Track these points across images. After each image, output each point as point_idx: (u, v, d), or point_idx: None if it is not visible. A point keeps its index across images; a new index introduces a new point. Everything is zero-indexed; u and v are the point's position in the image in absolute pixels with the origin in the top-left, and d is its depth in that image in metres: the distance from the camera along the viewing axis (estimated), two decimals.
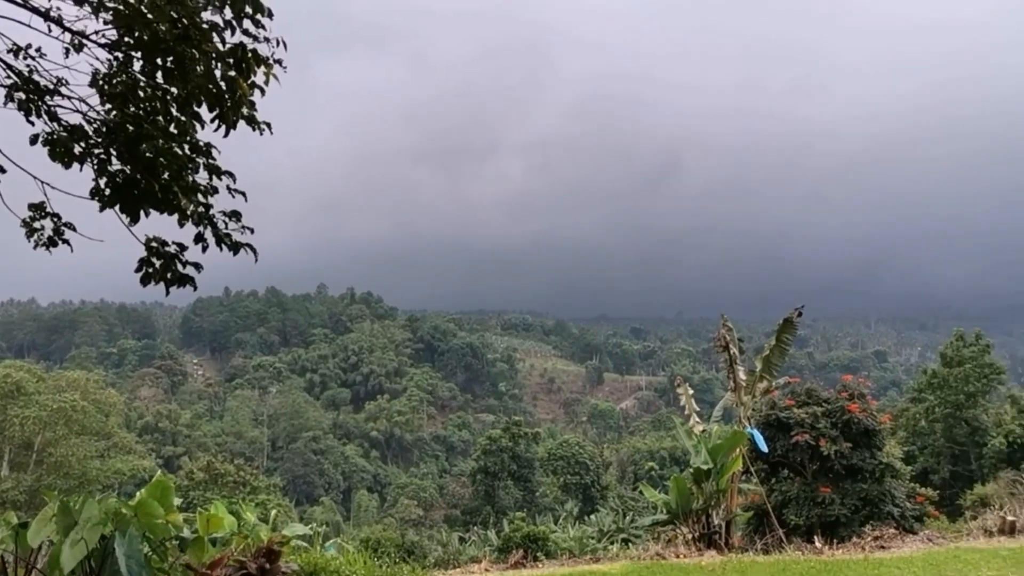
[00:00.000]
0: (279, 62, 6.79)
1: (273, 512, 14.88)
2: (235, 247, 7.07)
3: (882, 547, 14.42)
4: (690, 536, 17.20)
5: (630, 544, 24.44)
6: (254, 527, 10.82)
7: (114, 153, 6.50)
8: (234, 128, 6.81)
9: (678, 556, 14.55)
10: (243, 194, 7.04)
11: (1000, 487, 23.98)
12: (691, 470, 18.17)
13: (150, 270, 6.82)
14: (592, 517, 45.11)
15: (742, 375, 20.83)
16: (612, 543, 29.56)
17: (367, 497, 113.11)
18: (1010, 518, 16.20)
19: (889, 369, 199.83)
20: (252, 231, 7.16)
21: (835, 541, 17.96)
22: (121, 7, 6.08)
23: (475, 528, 48.92)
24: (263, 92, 6.83)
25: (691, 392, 22.24)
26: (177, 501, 9.22)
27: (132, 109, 6.49)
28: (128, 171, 6.52)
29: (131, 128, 6.40)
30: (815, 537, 17.63)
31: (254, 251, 7.15)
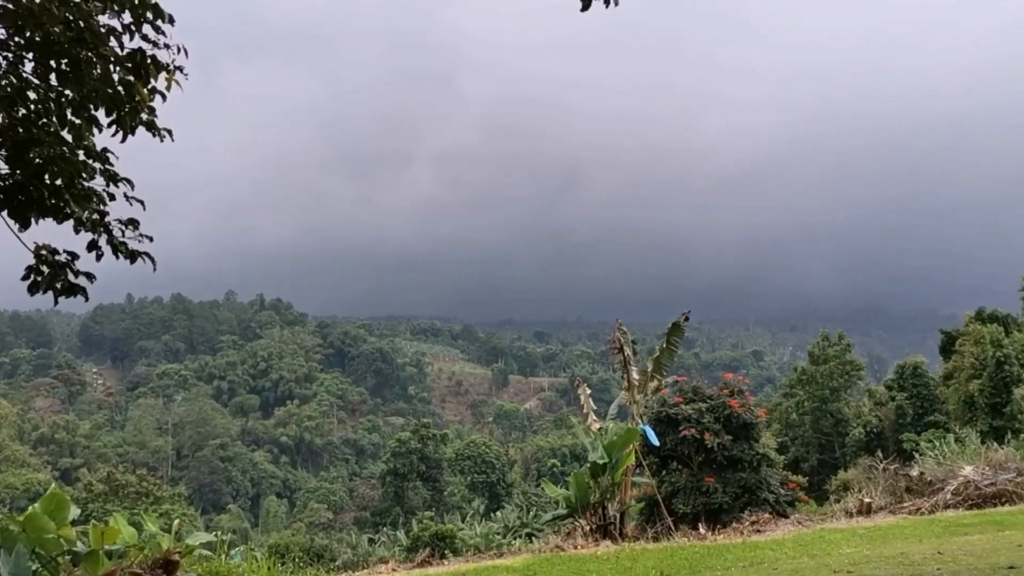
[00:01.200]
0: (180, 69, 6.51)
1: (176, 522, 14.17)
2: (132, 256, 6.68)
3: (758, 531, 14.96)
4: (588, 528, 17.41)
5: (533, 538, 24.54)
6: (153, 537, 10.25)
7: (1, 158, 6.05)
8: (132, 134, 6.47)
9: (576, 547, 14.71)
10: (141, 202, 6.66)
11: (859, 472, 25.32)
12: (589, 466, 18.41)
13: (38, 279, 6.34)
14: (498, 514, 45.21)
15: (635, 375, 21.27)
16: (517, 538, 29.66)
17: (276, 503, 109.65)
18: (867, 500, 17.11)
19: (765, 367, 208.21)
20: (151, 239, 6.79)
21: (718, 527, 18.54)
22: (10, 5, 5.68)
23: (384, 529, 48.25)
24: (164, 98, 6.54)
25: (589, 392, 22.55)
26: (75, 514, 8.63)
27: (22, 112, 6.07)
28: (17, 176, 6.07)
29: (20, 131, 5.97)
30: (700, 524, 18.15)
31: (152, 260, 6.78)
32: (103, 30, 6.08)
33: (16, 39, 5.85)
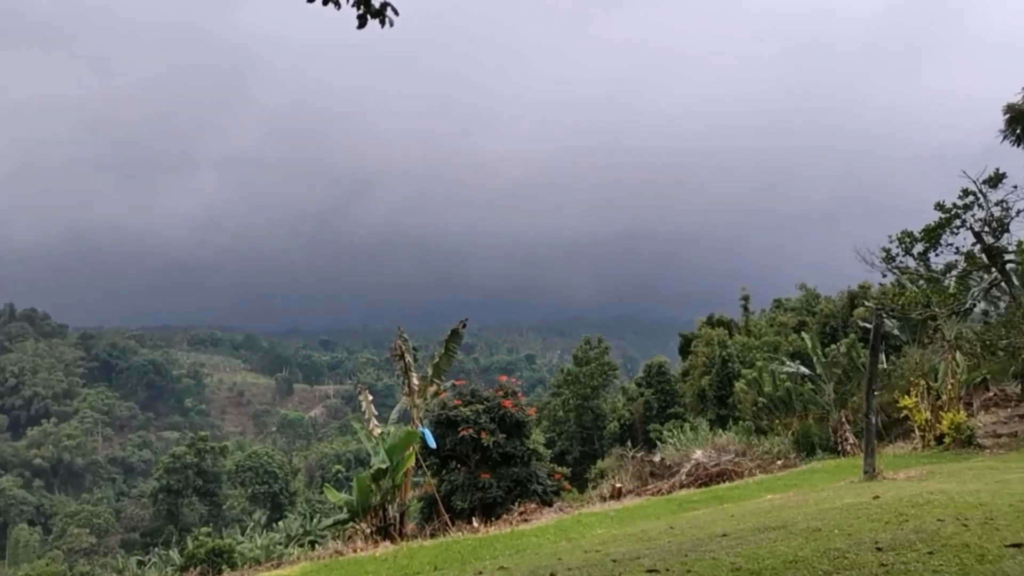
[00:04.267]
0: None
1: None
2: None
3: (526, 520, 15.74)
4: (368, 530, 17.30)
5: (316, 545, 23.86)
6: None
7: None
8: None
9: (355, 551, 14.57)
10: None
11: (613, 461, 27.45)
12: (371, 470, 18.31)
13: None
14: (280, 524, 43.37)
15: (416, 380, 21.46)
16: (300, 546, 28.70)
17: (27, 531, 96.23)
18: (618, 485, 18.65)
19: (537, 369, 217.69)
20: None
21: (492, 520, 19.23)
22: None
23: (156, 550, 44.34)
24: None
25: (371, 398, 22.36)
26: None
27: None
28: None
29: None
30: (474, 518, 18.68)
31: None
32: None
33: None
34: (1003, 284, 25.35)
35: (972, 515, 7.99)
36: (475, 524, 17.06)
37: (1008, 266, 24.30)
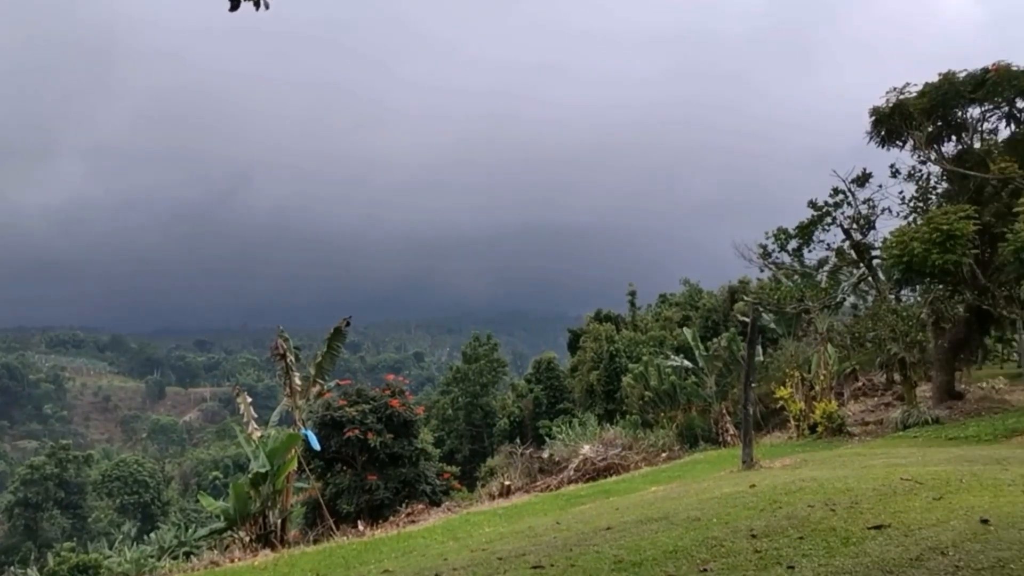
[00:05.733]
0: None
1: None
2: None
3: (413, 521, 15.56)
4: (247, 539, 16.62)
5: (192, 557, 22.74)
6: None
7: None
8: None
9: (233, 560, 13.94)
10: None
11: (502, 459, 27.62)
12: (250, 475, 17.59)
13: None
14: (152, 535, 41.22)
15: (297, 381, 20.78)
16: (174, 558, 27.33)
17: None
18: (507, 483, 18.76)
19: (425, 367, 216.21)
20: None
21: (379, 522, 18.89)
22: None
23: (12, 569, 41.13)
24: None
25: (250, 400, 21.48)
26: None
27: None
28: None
29: None
30: (359, 521, 18.30)
31: None
32: None
33: None
34: (870, 279, 27.30)
35: (839, 500, 8.49)
36: (361, 527, 16.70)
37: (874, 262, 26.17)
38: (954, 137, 24.18)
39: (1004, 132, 23.53)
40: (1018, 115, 22.93)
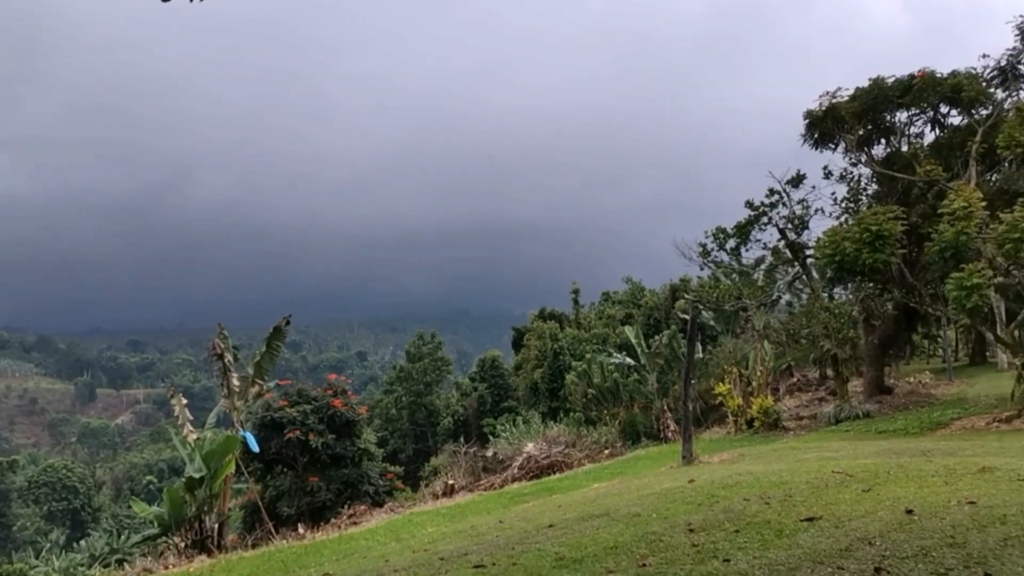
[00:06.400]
0: None
1: None
2: None
3: (355, 523, 15.40)
4: (183, 545, 16.19)
5: (124, 564, 22.02)
6: None
7: None
8: None
9: (167, 567, 13.57)
10: None
11: (446, 458, 27.56)
12: (185, 479, 17.14)
13: None
14: (83, 543, 39.80)
15: (236, 381, 20.31)
16: (105, 566, 26.44)
17: None
18: (450, 482, 18.72)
19: (369, 367, 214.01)
20: None
21: (320, 524, 18.64)
22: None
23: None
24: None
25: (185, 402, 20.90)
26: None
27: None
28: None
29: None
30: (300, 524, 18.03)
31: None
32: None
33: None
34: (804, 277, 28.16)
35: (774, 493, 8.74)
36: (301, 530, 16.45)
37: (808, 260, 27.01)
38: (883, 140, 25.14)
39: (929, 136, 24.60)
40: (942, 120, 23.98)
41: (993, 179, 22.43)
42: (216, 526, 17.03)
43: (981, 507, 6.98)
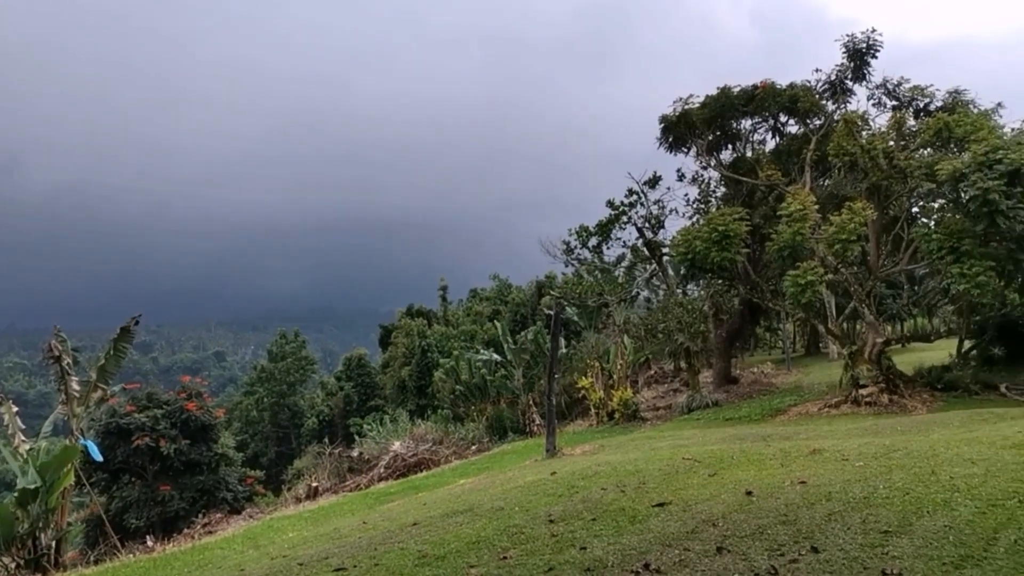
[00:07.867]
0: None
1: None
2: None
3: (210, 532, 14.72)
4: (14, 565, 14.86)
5: None
6: None
7: None
8: None
9: None
10: None
11: (310, 460, 26.85)
12: (16, 493, 15.73)
13: None
14: None
15: (75, 386, 18.85)
16: None
17: None
18: (314, 484, 18.26)
19: (228, 367, 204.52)
20: None
21: (173, 535, 17.64)
22: None
23: None
24: None
25: (16, 410, 19.18)
26: None
27: None
28: None
29: None
30: (148, 536, 17.03)
31: None
32: None
33: None
34: (661, 274, 29.56)
35: (629, 481, 9.15)
36: (150, 543, 15.51)
37: (664, 258, 28.38)
38: (730, 146, 26.82)
39: (771, 143, 26.49)
40: (781, 128, 25.88)
41: (825, 184, 24.44)
42: (53, 543, 15.76)
43: (811, 486, 7.61)
